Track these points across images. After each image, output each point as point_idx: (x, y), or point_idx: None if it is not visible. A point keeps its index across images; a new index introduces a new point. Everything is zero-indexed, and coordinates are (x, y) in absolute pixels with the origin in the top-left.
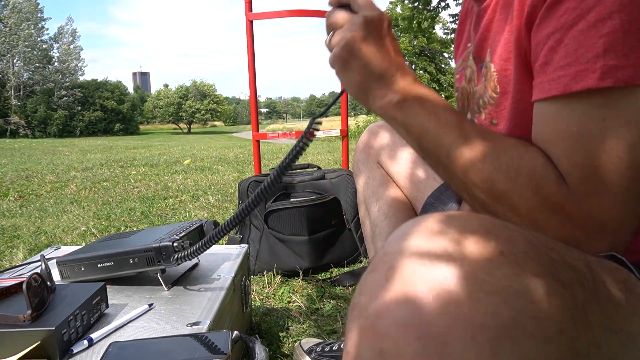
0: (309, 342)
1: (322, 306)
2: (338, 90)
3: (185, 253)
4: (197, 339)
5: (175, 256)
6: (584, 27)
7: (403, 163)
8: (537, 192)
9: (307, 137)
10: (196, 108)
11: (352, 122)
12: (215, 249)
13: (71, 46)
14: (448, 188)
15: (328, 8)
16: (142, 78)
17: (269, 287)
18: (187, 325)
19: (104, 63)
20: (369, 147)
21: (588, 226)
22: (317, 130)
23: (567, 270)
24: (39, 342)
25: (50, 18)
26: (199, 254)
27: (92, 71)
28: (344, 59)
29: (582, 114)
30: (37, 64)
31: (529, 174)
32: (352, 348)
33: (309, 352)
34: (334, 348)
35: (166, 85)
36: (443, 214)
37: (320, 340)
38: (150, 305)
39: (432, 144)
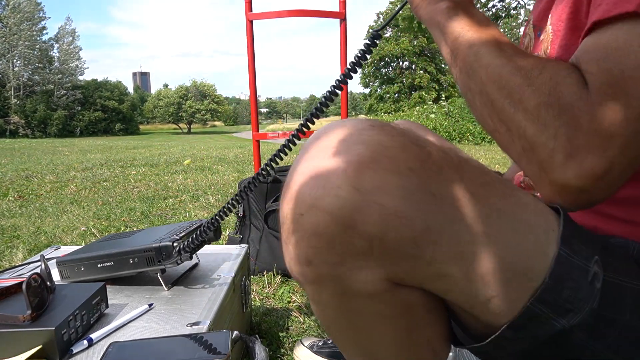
0: (309, 339)
1: None
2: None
3: (182, 246)
4: (197, 339)
5: (174, 250)
6: None
7: None
8: (554, 89)
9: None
10: (196, 108)
11: None
12: (215, 249)
13: (71, 46)
14: None
15: (328, 8)
16: (142, 78)
17: (269, 287)
18: (187, 325)
19: (104, 63)
20: None
21: (593, 134)
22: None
23: (429, 145)
24: (41, 347)
25: (50, 17)
26: (196, 247)
27: (92, 71)
28: None
29: (623, 33)
30: (37, 64)
31: (552, 73)
32: (281, 218)
33: (310, 346)
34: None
35: (166, 85)
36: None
37: (320, 338)
38: (150, 305)
39: (464, 45)
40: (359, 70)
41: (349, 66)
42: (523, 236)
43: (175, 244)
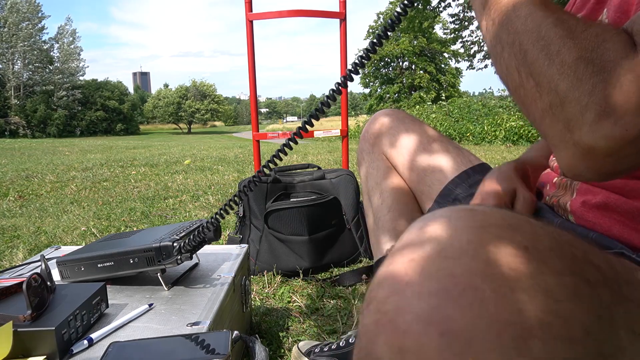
0: (307, 344)
1: (322, 306)
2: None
3: (181, 244)
4: (197, 339)
5: (175, 247)
6: None
7: (408, 155)
8: (599, 46)
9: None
10: (196, 108)
11: (352, 122)
12: (215, 249)
13: (71, 46)
14: (463, 180)
15: (327, 8)
16: (142, 78)
17: (269, 287)
18: (187, 325)
19: (104, 63)
20: (374, 137)
21: (632, 95)
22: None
23: (592, 269)
24: (37, 339)
25: (49, 16)
26: (196, 246)
27: (92, 71)
28: None
29: None
30: (37, 64)
31: (598, 31)
32: (367, 345)
33: (307, 353)
34: (332, 347)
35: (166, 85)
36: (464, 206)
37: (317, 342)
38: (150, 305)
39: (508, 12)
40: (361, 71)
41: (356, 62)
42: None
43: (175, 244)
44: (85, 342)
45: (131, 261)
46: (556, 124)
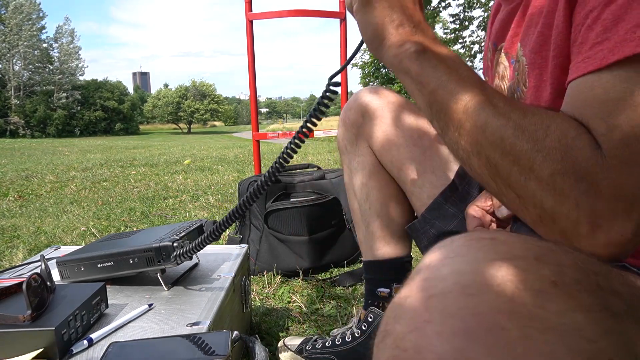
0: (292, 340)
1: (322, 306)
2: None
3: (183, 250)
4: (197, 339)
5: (174, 253)
6: (624, 2)
7: (396, 152)
8: (567, 155)
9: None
10: (195, 108)
11: None
12: (215, 249)
13: (70, 46)
14: (456, 186)
15: (327, 8)
16: (142, 78)
17: (269, 287)
18: (187, 326)
19: (104, 63)
20: (357, 126)
21: (616, 200)
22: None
23: (616, 299)
24: (42, 350)
25: (47, 15)
26: (197, 252)
27: (92, 71)
28: None
29: (621, 80)
30: (38, 64)
31: (559, 135)
32: None
33: (298, 351)
34: (326, 344)
35: (166, 85)
36: (486, 235)
37: (303, 337)
38: (150, 305)
39: (447, 99)
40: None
41: (311, 118)
42: None
43: (175, 244)
44: (85, 342)
45: (131, 261)
46: (553, 234)
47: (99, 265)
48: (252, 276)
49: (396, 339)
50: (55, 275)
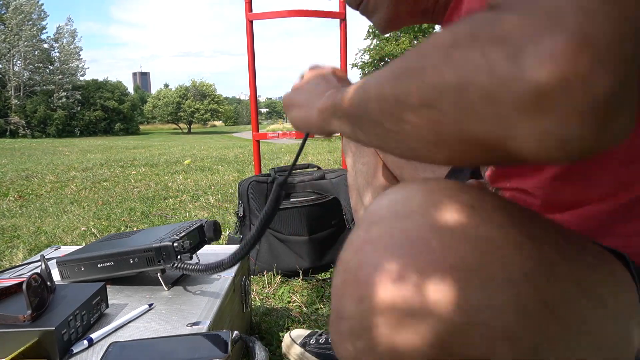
0: (299, 333)
1: (322, 306)
2: None
3: (192, 268)
4: (197, 339)
5: (177, 264)
6: None
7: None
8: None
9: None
10: (196, 108)
11: None
12: (215, 249)
13: (71, 46)
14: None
15: (328, 8)
16: (142, 78)
17: (269, 287)
18: (187, 325)
19: (104, 63)
20: None
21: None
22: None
23: (537, 228)
24: (37, 339)
25: (48, 15)
26: (205, 273)
27: (92, 71)
28: (288, 97)
29: None
30: (38, 64)
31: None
32: (337, 304)
33: (302, 344)
34: (329, 339)
35: (166, 85)
36: (419, 179)
37: (309, 331)
38: (150, 305)
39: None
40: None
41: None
42: (622, 324)
43: (175, 244)
44: (85, 342)
45: (131, 261)
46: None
47: (99, 265)
48: (252, 276)
49: (344, 264)
50: (56, 275)
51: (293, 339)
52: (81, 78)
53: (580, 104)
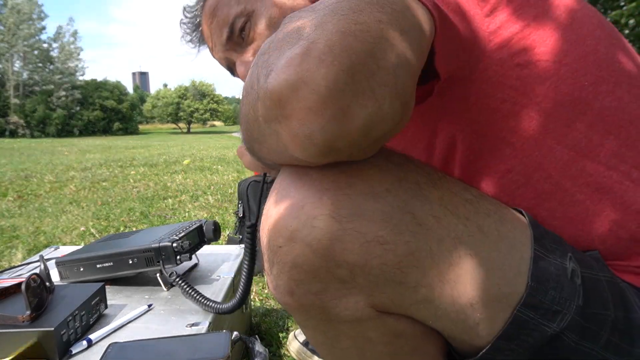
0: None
1: None
2: None
3: (199, 300)
4: (197, 339)
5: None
6: None
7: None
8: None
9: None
10: (195, 108)
11: None
12: (214, 249)
13: (71, 46)
14: None
15: None
16: (142, 78)
17: (268, 288)
18: (186, 326)
19: (103, 63)
20: None
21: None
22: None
23: (401, 158)
24: (36, 339)
25: (48, 16)
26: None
27: (92, 71)
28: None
29: None
30: (37, 64)
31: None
32: (265, 255)
33: (305, 343)
34: None
35: (165, 85)
36: None
37: None
38: (149, 305)
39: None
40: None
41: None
42: (506, 254)
43: (174, 245)
44: (85, 342)
45: (130, 262)
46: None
47: (98, 266)
48: None
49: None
50: (55, 276)
51: (296, 336)
52: (80, 78)
53: (308, 101)
